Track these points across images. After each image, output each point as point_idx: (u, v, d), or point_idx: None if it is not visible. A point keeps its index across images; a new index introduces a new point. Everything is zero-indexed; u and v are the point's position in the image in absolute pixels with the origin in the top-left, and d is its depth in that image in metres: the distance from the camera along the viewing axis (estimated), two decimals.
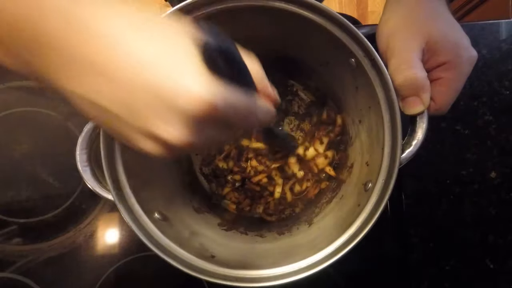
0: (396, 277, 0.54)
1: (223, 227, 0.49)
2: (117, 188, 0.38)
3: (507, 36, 0.56)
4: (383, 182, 0.38)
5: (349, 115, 0.50)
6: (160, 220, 0.41)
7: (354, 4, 1.62)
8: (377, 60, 0.36)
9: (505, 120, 0.56)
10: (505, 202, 0.55)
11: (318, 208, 0.51)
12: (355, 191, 0.44)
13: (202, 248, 0.42)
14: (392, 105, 0.37)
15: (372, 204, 0.38)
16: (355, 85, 0.43)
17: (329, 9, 0.37)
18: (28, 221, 0.54)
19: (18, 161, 0.55)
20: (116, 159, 0.38)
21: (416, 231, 0.55)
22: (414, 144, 0.37)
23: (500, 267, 0.54)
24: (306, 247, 0.41)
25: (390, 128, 0.38)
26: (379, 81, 0.38)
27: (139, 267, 0.54)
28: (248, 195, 0.56)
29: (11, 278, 0.52)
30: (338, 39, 0.38)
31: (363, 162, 0.45)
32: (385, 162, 0.38)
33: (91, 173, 0.38)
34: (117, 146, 0.38)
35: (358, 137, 0.48)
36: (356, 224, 0.38)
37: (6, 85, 0.57)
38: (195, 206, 0.51)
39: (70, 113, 0.57)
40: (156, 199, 0.43)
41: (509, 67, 0.56)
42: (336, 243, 0.38)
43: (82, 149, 0.38)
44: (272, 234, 0.49)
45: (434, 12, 0.37)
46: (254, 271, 0.38)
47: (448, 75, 0.36)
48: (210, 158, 0.57)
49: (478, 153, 0.56)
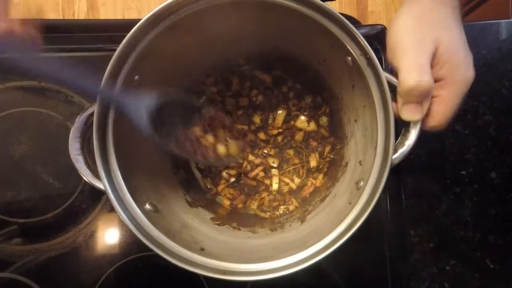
0: (396, 277, 0.54)
1: (216, 222, 0.50)
2: (109, 177, 0.38)
3: (507, 36, 0.56)
4: (374, 181, 0.38)
5: (345, 114, 0.50)
6: (151, 211, 0.41)
7: (354, 4, 1.62)
8: (372, 59, 0.36)
9: (505, 120, 0.56)
10: (505, 202, 0.55)
11: (312, 206, 0.51)
12: (348, 189, 0.44)
13: (192, 241, 0.42)
14: (386, 105, 0.37)
15: (362, 203, 0.38)
16: (351, 84, 0.43)
17: (326, 6, 0.37)
18: (28, 221, 0.54)
19: (18, 161, 0.56)
20: (109, 149, 0.38)
21: (416, 231, 0.55)
22: (407, 145, 0.38)
23: (500, 267, 0.54)
24: (296, 244, 0.41)
25: (383, 128, 0.38)
26: (374, 80, 0.38)
27: (139, 267, 0.54)
28: (243, 191, 0.57)
29: (11, 278, 0.52)
30: (335, 37, 0.38)
31: (357, 161, 0.45)
32: (378, 161, 0.38)
33: (84, 161, 0.39)
34: (111, 136, 0.38)
35: (353, 136, 0.48)
36: (346, 222, 0.38)
37: (6, 85, 0.57)
38: (189, 200, 0.51)
39: (70, 113, 0.57)
40: (148, 190, 0.43)
41: (509, 67, 0.56)
42: (325, 240, 0.38)
43: (75, 138, 0.38)
44: (265, 230, 0.50)
45: (448, 18, 0.36)
46: (243, 265, 0.38)
47: (445, 93, 0.35)
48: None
49: (478, 153, 0.56)
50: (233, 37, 0.47)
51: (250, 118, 0.57)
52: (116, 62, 0.37)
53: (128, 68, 0.38)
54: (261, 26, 0.44)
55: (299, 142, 0.57)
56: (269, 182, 0.56)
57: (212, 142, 0.47)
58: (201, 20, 0.40)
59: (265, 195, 0.56)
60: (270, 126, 0.57)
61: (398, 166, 0.38)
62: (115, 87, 0.38)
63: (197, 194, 0.54)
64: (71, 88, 0.57)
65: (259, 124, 0.57)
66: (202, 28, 0.42)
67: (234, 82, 0.56)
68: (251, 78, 0.56)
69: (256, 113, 0.57)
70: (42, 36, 0.58)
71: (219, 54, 0.51)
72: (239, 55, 0.53)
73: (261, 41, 0.49)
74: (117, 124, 0.39)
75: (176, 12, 0.38)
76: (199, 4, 0.38)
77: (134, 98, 0.38)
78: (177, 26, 0.39)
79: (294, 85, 0.56)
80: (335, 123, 0.55)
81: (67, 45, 0.58)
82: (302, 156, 0.57)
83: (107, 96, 0.37)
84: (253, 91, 0.56)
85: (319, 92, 0.55)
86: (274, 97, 0.57)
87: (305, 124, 0.55)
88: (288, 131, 0.56)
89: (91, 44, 0.58)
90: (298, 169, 0.57)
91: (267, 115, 0.57)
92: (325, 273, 0.54)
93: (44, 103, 0.57)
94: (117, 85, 0.38)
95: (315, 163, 0.55)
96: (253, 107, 0.57)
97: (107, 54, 0.58)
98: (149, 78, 0.42)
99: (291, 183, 0.56)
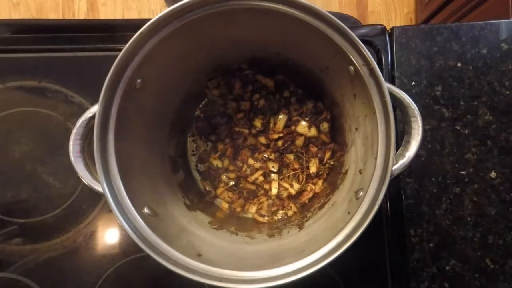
0: (396, 277, 0.54)
1: (214, 226, 0.50)
2: (108, 180, 0.38)
3: (507, 36, 0.56)
4: (374, 192, 0.38)
5: (346, 122, 0.50)
6: (149, 215, 0.41)
7: (354, 4, 1.62)
8: (375, 70, 0.36)
9: (505, 120, 0.56)
10: (505, 202, 0.55)
11: (310, 213, 0.51)
12: (347, 198, 0.44)
13: (190, 246, 0.42)
14: (387, 116, 0.37)
15: (361, 213, 0.38)
16: (353, 92, 0.43)
17: (330, 16, 0.37)
18: (28, 221, 0.55)
19: (18, 161, 0.56)
20: (109, 152, 0.38)
21: (416, 231, 0.55)
22: (408, 156, 0.38)
23: (500, 267, 0.54)
24: (294, 252, 0.41)
25: (384, 138, 0.38)
26: (376, 90, 0.38)
27: (139, 267, 0.54)
28: (242, 194, 0.57)
29: (11, 278, 0.52)
30: (338, 46, 0.38)
31: (357, 170, 0.45)
32: (378, 172, 0.38)
33: (83, 163, 0.38)
34: (111, 139, 0.38)
35: (354, 144, 0.48)
36: (345, 232, 0.38)
37: (6, 85, 0.57)
38: (187, 203, 0.51)
39: (70, 113, 0.57)
40: (147, 193, 0.43)
41: (509, 67, 0.56)
42: (323, 249, 0.38)
43: (75, 140, 0.38)
44: (262, 235, 0.50)
45: None
46: (240, 272, 0.38)
47: None
48: (206, 156, 0.57)
49: (478, 153, 0.56)
50: (237, 43, 0.47)
51: (251, 122, 0.57)
52: (119, 66, 0.37)
53: (130, 71, 0.38)
54: (265, 33, 0.44)
55: (300, 148, 0.57)
56: (268, 186, 0.56)
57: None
58: (205, 26, 0.40)
59: (264, 200, 0.56)
60: (271, 130, 0.57)
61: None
62: (117, 90, 0.38)
63: (195, 197, 0.54)
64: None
65: (260, 128, 0.57)
66: (206, 33, 0.42)
67: (236, 85, 0.56)
68: (254, 82, 0.56)
69: (257, 117, 0.57)
70: (42, 36, 0.58)
71: (222, 59, 0.51)
72: (242, 59, 0.53)
73: (264, 47, 0.48)
74: (118, 127, 0.39)
75: (181, 18, 0.38)
76: (204, 10, 0.38)
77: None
78: (181, 31, 0.39)
79: (296, 90, 0.56)
80: (336, 130, 0.55)
81: (67, 45, 0.58)
82: (302, 161, 0.57)
83: (109, 99, 0.37)
84: (255, 95, 0.56)
85: (320, 98, 0.55)
86: (275, 102, 0.57)
87: (306, 130, 0.55)
88: (289, 136, 0.56)
89: (91, 44, 0.58)
90: (298, 175, 0.57)
91: (268, 119, 0.57)
92: (325, 273, 0.54)
93: (44, 103, 0.57)
94: (119, 88, 0.38)
95: (315, 169, 0.55)
96: (255, 111, 0.57)
97: (107, 54, 0.58)
98: (151, 81, 0.42)
99: (290, 189, 0.56)
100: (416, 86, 0.57)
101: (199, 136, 0.58)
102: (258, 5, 0.38)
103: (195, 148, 0.58)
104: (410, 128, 0.39)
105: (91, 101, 0.57)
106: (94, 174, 0.39)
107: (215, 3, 0.37)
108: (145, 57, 0.38)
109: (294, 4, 0.37)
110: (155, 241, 0.38)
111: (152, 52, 0.39)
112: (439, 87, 0.57)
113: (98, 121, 0.37)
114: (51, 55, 0.57)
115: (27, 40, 0.58)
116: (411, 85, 0.57)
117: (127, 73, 0.38)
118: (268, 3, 0.37)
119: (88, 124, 0.38)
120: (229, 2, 0.38)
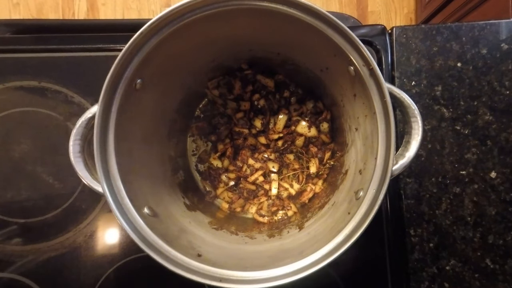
0: (396, 277, 0.54)
1: (214, 226, 0.50)
2: (108, 180, 0.38)
3: (507, 36, 0.56)
4: (374, 192, 0.38)
5: (346, 122, 0.50)
6: (149, 215, 0.41)
7: (354, 4, 1.62)
8: (375, 70, 0.36)
9: (505, 120, 0.56)
10: (505, 202, 0.55)
11: (310, 213, 0.51)
12: (347, 198, 0.44)
13: (190, 246, 0.42)
14: (387, 116, 0.37)
15: (361, 214, 0.38)
16: (353, 93, 0.43)
17: (330, 16, 0.37)
18: (28, 221, 0.55)
19: (18, 161, 0.56)
20: (109, 152, 0.38)
21: (416, 231, 0.55)
22: (408, 156, 0.38)
23: (500, 267, 0.54)
24: (294, 252, 0.41)
25: (384, 139, 0.38)
26: (376, 90, 0.38)
27: (139, 267, 0.54)
28: (242, 195, 0.57)
29: (11, 278, 0.52)
30: (338, 46, 0.38)
31: (357, 170, 0.45)
32: (378, 172, 0.38)
33: (83, 163, 0.38)
34: (111, 139, 0.38)
35: (354, 144, 0.48)
36: (344, 232, 0.38)
37: (6, 85, 0.57)
38: (187, 203, 0.51)
39: (70, 113, 0.57)
40: (147, 193, 0.43)
41: (509, 67, 0.56)
42: (322, 250, 0.38)
43: (75, 140, 0.38)
44: (262, 236, 0.50)
45: None
46: (240, 272, 0.38)
47: None
48: (206, 156, 0.57)
49: (478, 153, 0.56)
50: (237, 43, 0.47)
51: (251, 122, 0.57)
52: (119, 66, 0.37)
53: (130, 71, 0.38)
54: (265, 33, 0.44)
55: (300, 148, 0.57)
56: (268, 186, 0.56)
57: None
58: (205, 26, 0.40)
59: (264, 200, 0.56)
60: (271, 130, 0.57)
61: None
62: (117, 90, 0.38)
63: (195, 197, 0.54)
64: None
65: (260, 128, 0.57)
66: (206, 33, 0.42)
67: (236, 85, 0.56)
68: (254, 82, 0.56)
69: (257, 117, 0.57)
70: (42, 36, 0.58)
71: (222, 59, 0.51)
72: (242, 59, 0.53)
73: (264, 47, 0.49)
74: (118, 127, 0.39)
75: (180, 18, 0.38)
76: (203, 10, 0.38)
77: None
78: (181, 31, 0.39)
79: (296, 90, 0.56)
80: (336, 130, 0.55)
81: (67, 45, 0.58)
82: (302, 161, 0.57)
83: (109, 99, 0.37)
84: (255, 95, 0.56)
85: (320, 98, 0.56)
86: (275, 102, 0.57)
87: (306, 130, 0.55)
88: (289, 136, 0.57)
89: (91, 44, 0.58)
90: (298, 175, 0.57)
91: (268, 119, 0.57)
92: (325, 273, 0.54)
93: (44, 103, 0.57)
94: (119, 88, 0.38)
95: (315, 169, 0.55)
96: (255, 111, 0.57)
97: (107, 54, 0.58)
98: (151, 81, 0.42)
99: (290, 189, 0.56)
100: (416, 86, 0.57)
101: (199, 136, 0.58)
102: (258, 5, 0.38)
103: (195, 148, 0.58)
104: (410, 128, 0.39)
105: (91, 101, 0.57)
106: (94, 174, 0.39)
107: (215, 3, 0.37)
108: (145, 57, 0.38)
109: (294, 4, 0.37)
110: (155, 241, 0.38)
111: (152, 52, 0.39)
112: (439, 87, 0.57)
113: (98, 121, 0.37)
114: (51, 55, 0.57)
115: (27, 40, 0.58)
116: (411, 85, 0.57)
117: (127, 73, 0.38)
118: (268, 3, 0.37)
119: (88, 124, 0.38)
120: (229, 2, 0.38)
